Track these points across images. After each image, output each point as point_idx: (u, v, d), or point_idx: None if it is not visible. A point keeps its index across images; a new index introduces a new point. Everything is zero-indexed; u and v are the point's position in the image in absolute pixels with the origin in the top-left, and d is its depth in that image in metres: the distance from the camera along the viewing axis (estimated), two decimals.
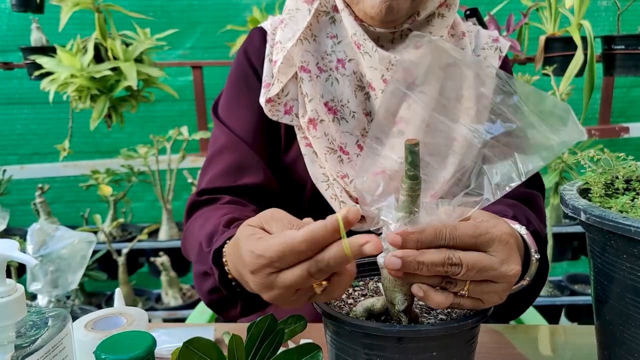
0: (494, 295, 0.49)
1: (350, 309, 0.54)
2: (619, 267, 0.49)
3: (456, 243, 0.47)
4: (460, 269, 0.46)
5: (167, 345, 0.69)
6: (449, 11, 0.78)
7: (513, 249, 0.49)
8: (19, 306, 0.43)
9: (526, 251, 0.59)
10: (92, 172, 2.11)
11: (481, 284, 0.48)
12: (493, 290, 0.49)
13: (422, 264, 0.46)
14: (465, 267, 0.46)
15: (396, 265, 0.46)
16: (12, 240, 0.44)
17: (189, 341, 0.44)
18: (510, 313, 0.75)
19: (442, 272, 0.46)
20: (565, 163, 1.77)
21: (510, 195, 0.67)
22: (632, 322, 0.49)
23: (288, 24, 0.80)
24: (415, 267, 0.46)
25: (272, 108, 0.80)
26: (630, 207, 0.51)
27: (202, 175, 0.86)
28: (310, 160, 0.80)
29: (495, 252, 0.48)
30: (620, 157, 0.60)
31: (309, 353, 0.49)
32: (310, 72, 0.78)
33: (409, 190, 0.46)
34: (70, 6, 1.78)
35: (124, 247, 2.07)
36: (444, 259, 0.46)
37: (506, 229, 0.49)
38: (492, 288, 0.49)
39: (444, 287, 0.48)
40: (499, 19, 1.88)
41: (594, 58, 1.67)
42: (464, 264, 0.46)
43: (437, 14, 0.78)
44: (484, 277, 0.48)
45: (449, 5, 0.78)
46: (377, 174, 0.51)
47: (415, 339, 0.46)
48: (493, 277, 0.48)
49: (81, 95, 1.85)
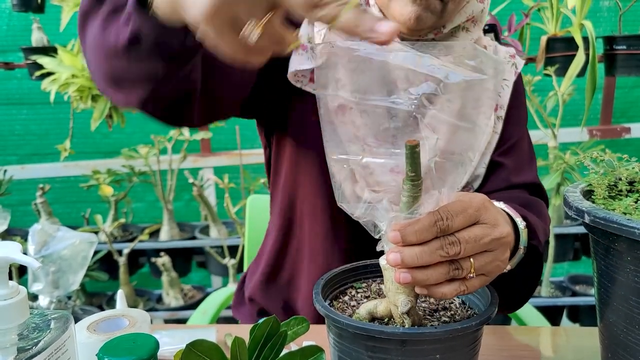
0: (496, 263, 0.51)
1: (354, 311, 0.54)
2: (622, 269, 0.49)
3: (452, 222, 0.47)
4: (459, 246, 0.47)
5: (169, 347, 0.69)
6: (475, 26, 0.79)
7: (498, 212, 0.52)
8: (22, 308, 0.43)
9: (513, 224, 0.62)
10: (93, 172, 2.11)
11: (483, 256, 0.49)
12: (493, 259, 0.50)
13: (423, 252, 0.46)
14: (464, 241, 0.47)
15: (397, 260, 0.46)
16: (15, 242, 0.44)
17: (192, 343, 0.44)
18: (513, 302, 0.75)
19: (443, 255, 0.47)
20: (567, 164, 1.77)
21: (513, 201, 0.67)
22: (636, 324, 0.48)
23: None
24: (414, 256, 0.46)
25: (298, 73, 0.79)
26: (634, 209, 0.51)
27: None
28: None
29: (484, 219, 0.50)
30: (623, 159, 0.60)
31: (312, 355, 0.49)
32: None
33: (410, 192, 0.46)
34: (71, 6, 1.78)
35: (125, 247, 2.07)
36: (438, 234, 0.47)
37: (481, 196, 0.52)
38: (492, 257, 0.50)
39: (453, 278, 0.48)
40: (500, 19, 1.87)
41: (595, 58, 1.66)
42: (460, 239, 0.47)
43: (463, 27, 0.79)
44: (482, 248, 0.49)
45: (475, 20, 0.79)
46: (397, 173, 0.52)
47: (419, 341, 0.46)
48: (490, 245, 0.49)
49: (82, 95, 1.85)
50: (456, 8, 0.74)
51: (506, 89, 0.83)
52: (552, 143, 1.84)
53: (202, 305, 1.29)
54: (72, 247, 1.33)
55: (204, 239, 2.15)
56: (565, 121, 2.01)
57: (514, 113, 0.85)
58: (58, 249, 1.32)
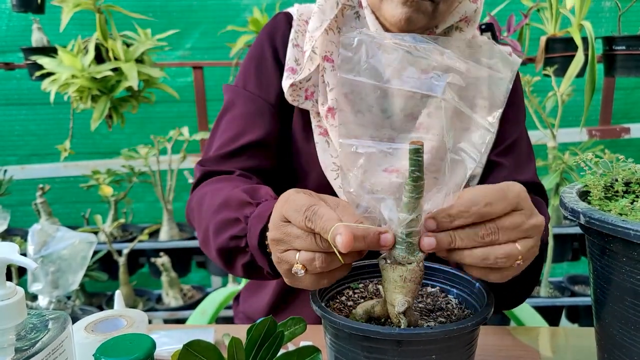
0: (533, 250, 0.51)
1: (350, 312, 0.54)
2: (618, 270, 0.49)
3: (491, 208, 0.48)
4: (497, 231, 0.47)
5: (167, 347, 0.69)
6: (468, 26, 0.80)
7: (531, 202, 0.51)
8: (19, 309, 0.43)
9: None
10: (93, 173, 2.11)
11: (525, 241, 0.49)
12: (534, 245, 0.50)
13: (458, 236, 0.47)
14: (503, 228, 0.48)
15: (432, 244, 0.48)
16: (12, 243, 0.44)
17: (189, 343, 0.44)
18: (512, 300, 0.76)
19: (478, 240, 0.47)
20: (566, 164, 1.77)
21: None
22: (632, 325, 0.49)
23: (316, 14, 0.82)
24: (449, 240, 0.48)
25: (294, 92, 0.82)
26: (629, 210, 0.51)
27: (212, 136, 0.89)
28: (322, 148, 0.82)
29: (522, 206, 0.49)
30: (620, 160, 0.60)
31: (309, 355, 0.49)
32: (333, 62, 0.80)
33: (412, 192, 0.46)
34: (71, 7, 1.78)
35: (124, 247, 2.07)
36: (477, 219, 0.47)
37: (519, 185, 0.51)
38: (533, 242, 0.50)
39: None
40: (500, 19, 1.88)
41: (594, 59, 1.66)
42: (499, 227, 0.48)
43: (456, 27, 0.79)
44: (523, 234, 0.49)
45: (468, 20, 0.79)
46: (390, 172, 0.52)
47: (415, 342, 0.46)
48: (529, 232, 0.49)
49: (82, 95, 1.85)
50: (448, 9, 0.75)
51: None
52: (551, 143, 1.84)
53: (202, 305, 1.29)
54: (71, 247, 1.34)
55: None
56: (565, 121, 2.01)
57: (511, 112, 0.85)
58: (58, 249, 1.32)
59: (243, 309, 1.03)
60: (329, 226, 0.46)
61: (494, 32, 0.93)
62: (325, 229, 0.46)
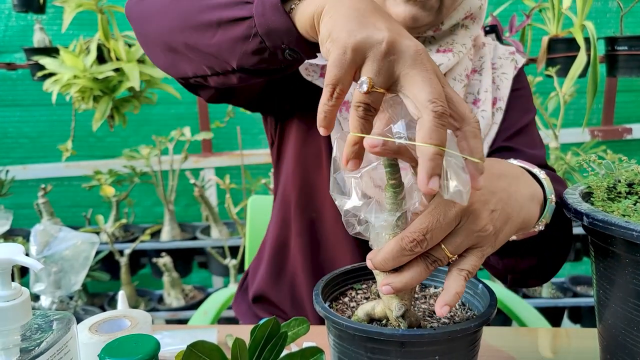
0: (475, 234, 0.47)
1: (353, 313, 0.54)
2: (621, 271, 0.49)
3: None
4: (425, 242, 0.45)
5: (170, 347, 0.70)
6: (474, 23, 0.80)
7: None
8: (25, 310, 0.44)
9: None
10: (95, 173, 2.12)
11: (452, 237, 0.47)
12: (468, 232, 0.47)
13: (386, 256, 0.46)
14: (420, 232, 0.45)
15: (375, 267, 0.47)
16: (17, 244, 0.44)
17: (193, 344, 0.44)
18: (545, 270, 0.73)
19: (408, 252, 0.45)
20: (568, 164, 1.77)
21: None
22: (635, 326, 0.49)
23: None
24: (383, 261, 0.46)
25: (310, 67, 0.80)
26: (632, 211, 0.51)
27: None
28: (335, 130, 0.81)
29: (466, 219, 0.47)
30: (623, 160, 0.60)
31: (312, 356, 0.49)
32: None
33: (393, 198, 0.46)
34: (73, 7, 1.78)
35: (126, 247, 2.08)
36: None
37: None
38: (464, 232, 0.47)
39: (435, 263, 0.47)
40: (502, 20, 1.88)
41: (597, 59, 1.66)
42: (417, 231, 0.45)
43: (461, 25, 0.79)
44: (448, 229, 0.46)
45: (474, 18, 0.79)
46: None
47: (418, 343, 0.46)
48: (454, 222, 0.46)
49: (84, 96, 1.85)
50: (453, 4, 0.74)
51: (505, 82, 0.85)
52: (554, 144, 1.84)
53: (203, 305, 1.29)
54: (73, 248, 1.34)
55: (205, 240, 2.15)
56: (567, 122, 2.01)
57: (516, 102, 0.85)
58: (60, 249, 1.32)
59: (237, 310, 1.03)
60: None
61: (498, 33, 0.93)
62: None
